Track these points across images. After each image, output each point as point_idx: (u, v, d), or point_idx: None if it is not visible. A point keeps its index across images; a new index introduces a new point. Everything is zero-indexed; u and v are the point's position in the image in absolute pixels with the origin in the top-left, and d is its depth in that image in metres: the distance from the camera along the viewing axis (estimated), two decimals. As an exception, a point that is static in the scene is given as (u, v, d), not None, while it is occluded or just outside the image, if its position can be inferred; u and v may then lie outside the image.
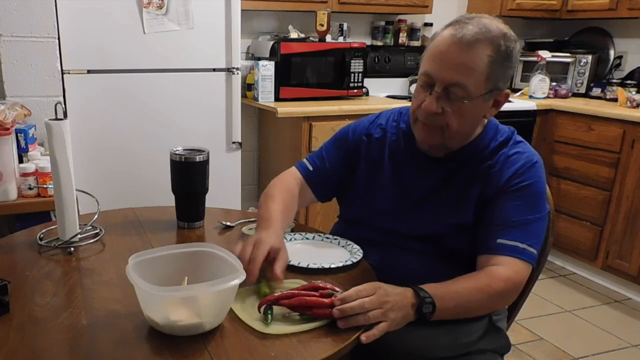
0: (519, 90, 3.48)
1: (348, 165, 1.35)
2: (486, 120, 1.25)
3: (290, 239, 1.31)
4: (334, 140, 1.39)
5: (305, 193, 1.35)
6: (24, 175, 1.70)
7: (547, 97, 3.29)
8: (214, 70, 2.43)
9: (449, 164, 1.24)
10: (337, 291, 1.00)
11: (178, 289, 0.93)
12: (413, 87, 3.41)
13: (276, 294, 0.97)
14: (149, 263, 0.96)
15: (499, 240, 1.13)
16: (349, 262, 1.18)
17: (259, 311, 0.96)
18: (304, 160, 1.39)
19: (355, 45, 2.86)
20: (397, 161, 1.29)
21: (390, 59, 3.37)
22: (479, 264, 1.15)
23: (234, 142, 2.54)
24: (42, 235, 1.28)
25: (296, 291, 0.98)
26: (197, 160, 1.36)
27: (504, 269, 1.10)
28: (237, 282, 0.89)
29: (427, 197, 1.24)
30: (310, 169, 1.36)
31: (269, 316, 0.94)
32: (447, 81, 1.11)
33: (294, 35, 2.92)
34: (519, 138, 1.25)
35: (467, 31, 1.09)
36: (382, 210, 1.28)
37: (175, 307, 0.90)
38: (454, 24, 1.13)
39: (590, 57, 3.34)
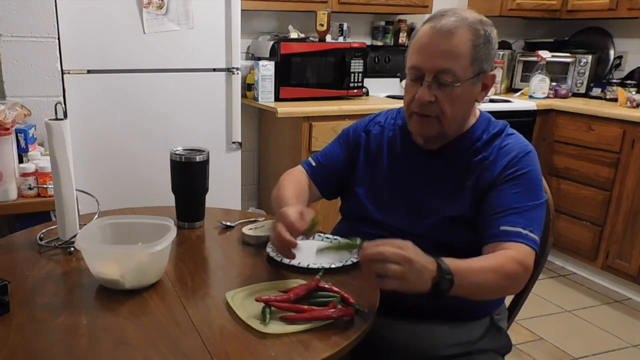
0: (519, 90, 3.49)
1: (350, 162, 1.39)
2: (478, 112, 1.27)
3: (290, 239, 1.30)
4: (337, 139, 1.44)
5: (311, 189, 1.40)
6: (24, 175, 1.70)
7: (547, 97, 3.29)
8: (214, 70, 2.43)
9: (443, 156, 1.25)
10: (336, 291, 1.00)
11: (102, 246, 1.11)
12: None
13: (274, 296, 0.98)
14: (115, 227, 1.15)
15: (502, 228, 1.13)
16: (349, 262, 1.18)
17: (261, 309, 0.96)
18: (309, 158, 1.44)
19: (355, 45, 2.86)
20: (394, 156, 1.32)
21: (390, 59, 3.37)
22: (485, 253, 1.14)
23: (234, 142, 2.54)
24: (42, 235, 1.28)
25: (292, 295, 0.98)
26: (197, 160, 1.36)
27: (515, 253, 1.09)
28: (143, 252, 1.03)
29: (423, 190, 1.25)
30: (314, 164, 1.41)
31: (267, 316, 0.94)
32: (435, 69, 1.14)
33: (294, 35, 2.92)
34: (511, 130, 1.27)
35: (445, 21, 1.15)
36: (380, 205, 1.30)
37: (104, 262, 1.05)
38: (430, 19, 1.19)
39: (590, 57, 3.34)
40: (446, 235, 1.21)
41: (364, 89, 3.00)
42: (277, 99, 2.76)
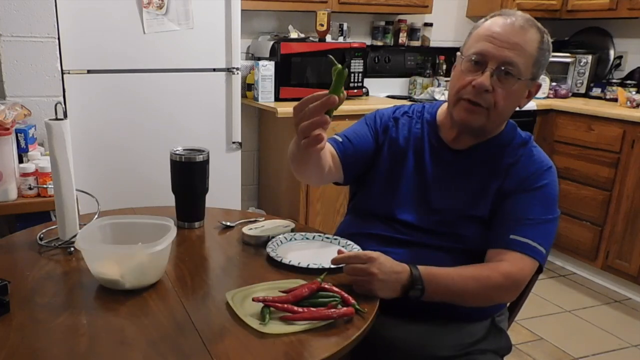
0: (519, 90, 3.48)
1: (377, 147, 1.32)
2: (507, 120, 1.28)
3: (290, 239, 1.31)
4: (362, 122, 1.37)
5: (334, 162, 1.26)
6: (24, 175, 1.70)
7: (547, 97, 3.29)
8: (214, 70, 2.43)
9: (471, 157, 1.25)
10: (336, 291, 1.00)
11: (101, 246, 1.11)
12: (417, 83, 3.41)
13: (271, 297, 0.98)
14: (115, 227, 1.15)
15: (511, 236, 1.14)
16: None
17: (259, 310, 0.96)
18: (334, 135, 1.31)
19: (355, 45, 2.86)
20: (419, 151, 1.30)
21: (390, 59, 3.37)
22: (487, 257, 1.17)
23: (234, 142, 2.54)
24: (42, 235, 1.28)
25: (292, 296, 0.98)
26: (197, 160, 1.36)
27: (508, 265, 1.12)
28: (143, 252, 1.03)
29: (446, 188, 1.25)
30: (341, 140, 1.29)
31: (267, 316, 0.94)
32: (502, 59, 1.14)
33: (294, 35, 2.92)
34: (535, 143, 1.28)
35: (516, 17, 1.16)
36: (401, 200, 1.27)
37: (104, 262, 1.05)
38: (498, 15, 1.18)
39: (590, 57, 3.34)
40: (464, 233, 1.21)
41: (364, 89, 3.00)
42: (277, 99, 2.76)
